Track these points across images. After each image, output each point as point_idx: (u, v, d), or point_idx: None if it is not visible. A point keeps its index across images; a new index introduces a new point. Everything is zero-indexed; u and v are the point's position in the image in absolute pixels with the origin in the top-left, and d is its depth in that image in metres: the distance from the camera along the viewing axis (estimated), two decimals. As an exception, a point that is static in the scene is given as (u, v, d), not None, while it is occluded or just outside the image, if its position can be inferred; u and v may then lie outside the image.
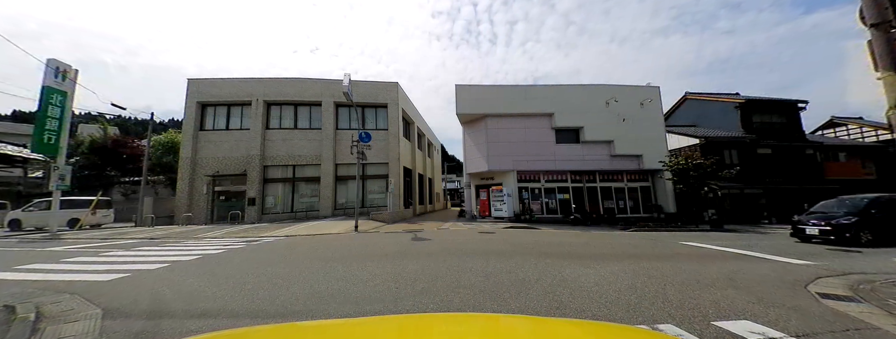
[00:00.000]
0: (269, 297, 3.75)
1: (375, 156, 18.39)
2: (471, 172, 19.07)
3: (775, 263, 5.97)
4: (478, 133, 18.73)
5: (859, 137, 26.32)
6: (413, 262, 5.75)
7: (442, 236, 9.83)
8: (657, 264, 5.56)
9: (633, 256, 6.56)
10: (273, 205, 17.87)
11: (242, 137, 18.37)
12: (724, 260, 6.21)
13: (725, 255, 6.85)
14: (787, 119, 22.06)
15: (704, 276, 4.74)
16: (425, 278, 4.52)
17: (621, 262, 5.78)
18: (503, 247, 7.53)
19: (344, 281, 4.44)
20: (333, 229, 11.47)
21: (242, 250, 7.83)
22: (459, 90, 18.14)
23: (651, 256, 6.63)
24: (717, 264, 5.79)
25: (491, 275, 4.70)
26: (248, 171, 17.66)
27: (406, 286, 4.16)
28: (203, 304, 3.54)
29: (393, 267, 5.29)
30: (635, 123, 18.76)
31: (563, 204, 18.26)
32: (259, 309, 3.36)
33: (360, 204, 18.07)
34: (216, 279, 4.63)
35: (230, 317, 3.15)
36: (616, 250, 7.32)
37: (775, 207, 19.75)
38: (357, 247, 7.77)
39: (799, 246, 8.31)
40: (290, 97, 18.76)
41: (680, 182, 15.84)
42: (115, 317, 3.12)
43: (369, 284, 4.28)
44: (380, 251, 6.94)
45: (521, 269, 5.11)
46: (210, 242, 9.60)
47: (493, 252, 6.74)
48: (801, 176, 20.85)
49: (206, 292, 4.02)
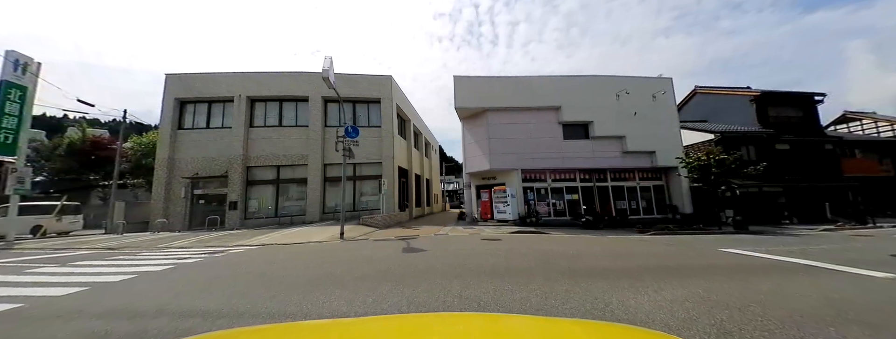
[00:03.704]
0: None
1: (367, 155, 17.04)
2: (471, 171, 17.67)
3: (863, 278, 4.67)
4: (478, 129, 17.36)
5: (874, 132, 25.18)
6: (397, 289, 4.16)
7: (439, 245, 8.38)
8: (721, 286, 4.25)
9: (679, 271, 5.25)
10: (256, 209, 16.45)
11: (224, 135, 17.00)
12: (794, 275, 4.92)
13: (787, 267, 5.56)
14: (803, 113, 20.89)
15: (798, 303, 3.44)
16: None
17: (672, 281, 4.47)
18: (516, 261, 6.15)
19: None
20: (316, 237, 10.09)
21: (192, 266, 6.46)
22: (458, 82, 16.79)
23: (699, 270, 5.32)
24: (795, 282, 4.49)
25: (513, 313, 3.35)
26: (229, 172, 16.28)
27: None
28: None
29: (366, 299, 3.80)
30: (647, 118, 17.53)
31: (571, 205, 16.96)
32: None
33: (350, 207, 16.75)
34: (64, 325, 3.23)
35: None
36: (652, 262, 6.01)
37: (795, 206, 18.55)
38: (334, 262, 6.35)
39: (862, 252, 7.01)
40: (275, 93, 17.40)
41: (700, 180, 14.57)
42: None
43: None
44: (358, 270, 5.48)
45: (551, 297, 3.77)
46: (168, 253, 8.23)
47: (506, 270, 5.32)
48: (820, 173, 19.65)
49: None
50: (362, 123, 17.94)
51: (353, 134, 10.34)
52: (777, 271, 5.33)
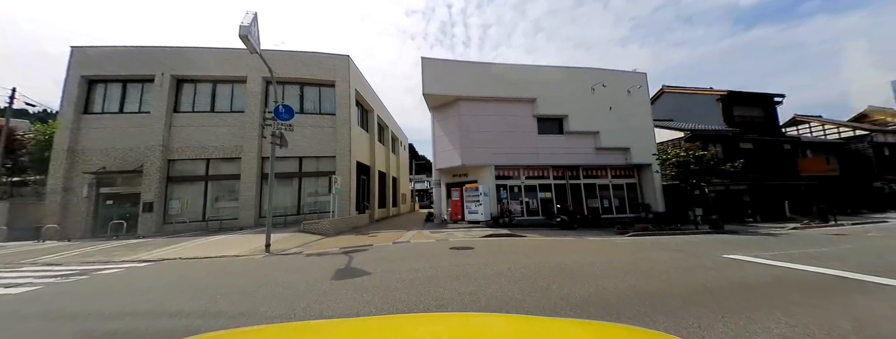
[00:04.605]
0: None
1: (316, 146, 14.83)
2: (441, 167, 15.95)
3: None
4: (449, 120, 15.68)
5: (821, 134, 26.62)
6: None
7: (392, 263, 6.28)
8: (810, 316, 2.94)
9: (727, 295, 3.94)
10: (179, 212, 13.72)
11: (142, 122, 14.10)
12: (852, 294, 3.77)
13: (828, 282, 4.46)
14: (765, 113, 21.38)
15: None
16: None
17: (710, 310, 3.11)
18: (497, 288, 4.31)
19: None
20: (234, 249, 7.91)
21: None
22: (427, 65, 14.86)
23: (728, 291, 4.06)
24: (867, 305, 3.29)
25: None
26: (145, 166, 13.46)
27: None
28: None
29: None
30: (622, 113, 16.86)
31: (544, 204, 15.87)
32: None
33: (295, 210, 14.42)
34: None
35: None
36: (678, 281, 4.69)
37: (758, 204, 18.78)
38: (217, 295, 4.28)
39: (868, 255, 6.20)
40: (207, 72, 14.65)
41: (679, 176, 13.95)
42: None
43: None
44: (241, 312, 3.63)
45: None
46: (16, 273, 5.87)
47: (483, 306, 3.74)
48: (780, 172, 20.12)
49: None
50: (312, 110, 15.57)
51: (287, 116, 8.17)
52: (823, 287, 4.20)
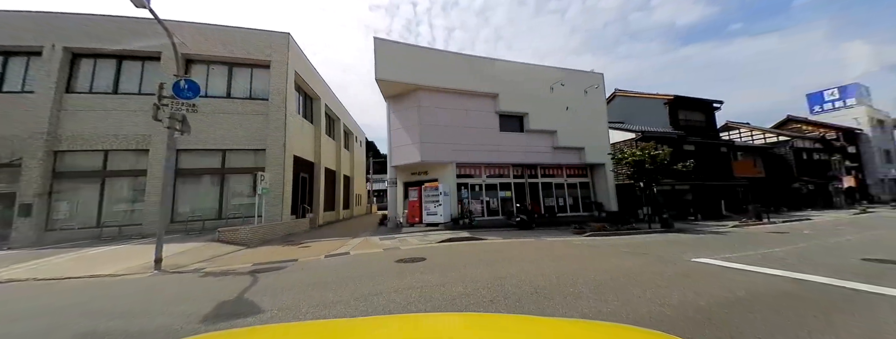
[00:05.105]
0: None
1: (244, 138, 12.82)
2: (398, 164, 14.51)
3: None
4: (408, 111, 14.30)
5: (749, 139, 29.25)
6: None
7: (309, 287, 4.77)
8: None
9: (706, 318, 3.34)
10: (67, 216, 11.17)
11: (22, 104, 11.35)
12: (862, 309, 3.35)
13: (821, 293, 4.09)
14: (705, 118, 22.81)
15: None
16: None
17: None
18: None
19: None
20: (113, 266, 6.17)
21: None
22: (381, 46, 13.19)
23: (729, 311, 3.49)
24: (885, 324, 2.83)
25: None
26: (24, 160, 10.82)
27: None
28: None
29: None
30: (578, 113, 16.91)
31: (504, 203, 15.36)
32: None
33: (216, 214, 12.29)
34: None
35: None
36: (647, 296, 4.08)
37: (699, 203, 19.91)
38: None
39: (824, 256, 6.18)
40: (111, 45, 12.09)
41: (635, 175, 14.10)
42: None
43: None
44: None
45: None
46: None
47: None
48: (718, 173, 21.53)
49: None
50: (242, 95, 13.51)
51: (190, 93, 6.49)
52: (818, 300, 3.79)
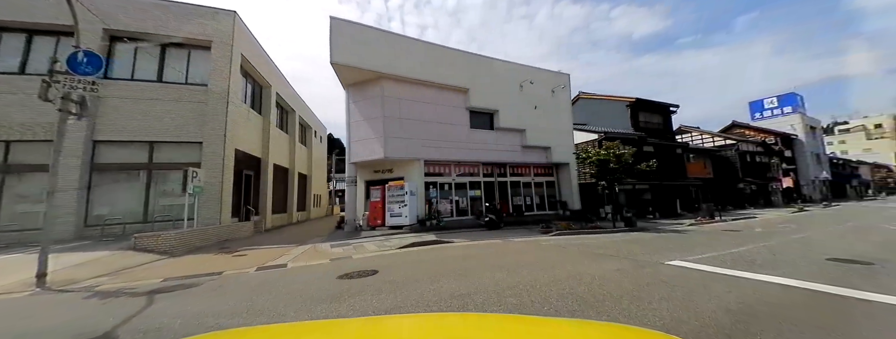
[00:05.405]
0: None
1: (177, 129, 11.31)
2: (358, 160, 13.36)
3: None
4: (370, 102, 13.14)
5: (700, 142, 31.18)
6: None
7: (210, 317, 3.66)
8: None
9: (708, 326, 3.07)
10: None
11: None
12: (846, 318, 3.24)
13: (820, 298, 4.02)
14: (663, 120, 23.91)
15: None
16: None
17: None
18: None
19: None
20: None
21: None
22: (336, 27, 11.84)
23: (724, 329, 3.26)
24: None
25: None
26: None
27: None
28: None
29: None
30: (546, 113, 17.06)
31: (473, 202, 15.03)
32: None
33: (141, 216, 10.82)
34: None
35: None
36: (638, 313, 3.80)
37: (656, 202, 20.78)
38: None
39: (783, 254, 6.34)
40: (14, 16, 10.28)
41: (599, 175, 14.29)
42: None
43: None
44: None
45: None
46: None
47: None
48: (674, 173, 22.63)
49: None
50: (176, 79, 11.94)
51: (89, 68, 5.27)
52: (814, 308, 3.66)
